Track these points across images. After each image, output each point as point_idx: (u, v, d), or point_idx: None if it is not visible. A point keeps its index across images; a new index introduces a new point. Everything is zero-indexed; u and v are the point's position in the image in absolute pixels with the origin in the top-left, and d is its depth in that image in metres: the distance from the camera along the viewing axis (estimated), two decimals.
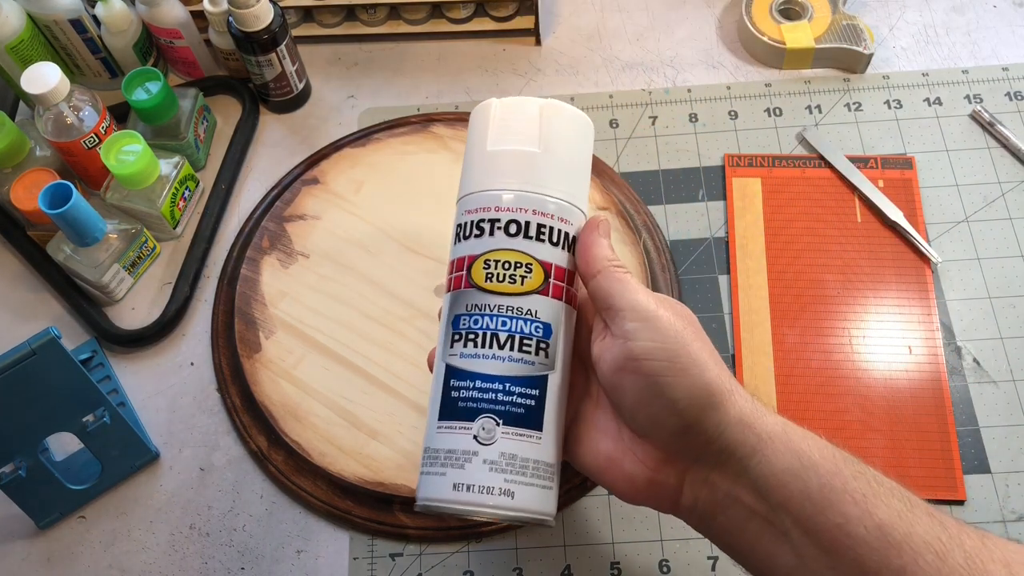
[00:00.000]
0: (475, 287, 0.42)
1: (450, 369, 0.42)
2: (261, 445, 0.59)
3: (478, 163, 0.44)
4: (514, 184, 0.43)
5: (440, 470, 0.41)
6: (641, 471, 0.42)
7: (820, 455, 0.39)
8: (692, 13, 0.77)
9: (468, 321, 0.42)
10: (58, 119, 0.63)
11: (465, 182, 0.45)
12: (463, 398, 0.41)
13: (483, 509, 0.40)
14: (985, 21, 0.75)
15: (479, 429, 0.41)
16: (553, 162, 0.43)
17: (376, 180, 0.68)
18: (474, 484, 0.40)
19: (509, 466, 0.40)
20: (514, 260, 0.42)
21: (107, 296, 0.65)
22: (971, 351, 0.60)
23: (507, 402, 0.41)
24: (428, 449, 0.42)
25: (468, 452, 0.41)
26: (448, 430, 0.41)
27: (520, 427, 0.41)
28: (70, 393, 0.52)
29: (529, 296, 0.42)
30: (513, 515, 0.41)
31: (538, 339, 0.42)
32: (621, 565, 0.55)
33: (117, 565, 0.57)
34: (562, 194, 0.43)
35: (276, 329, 0.62)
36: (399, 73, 0.76)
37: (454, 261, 0.44)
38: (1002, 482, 0.56)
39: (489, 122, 0.44)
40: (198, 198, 0.70)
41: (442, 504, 0.41)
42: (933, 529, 0.38)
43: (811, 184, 0.67)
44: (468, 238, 0.43)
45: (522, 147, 0.43)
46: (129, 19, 0.70)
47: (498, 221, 0.42)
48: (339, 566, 0.57)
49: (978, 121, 0.69)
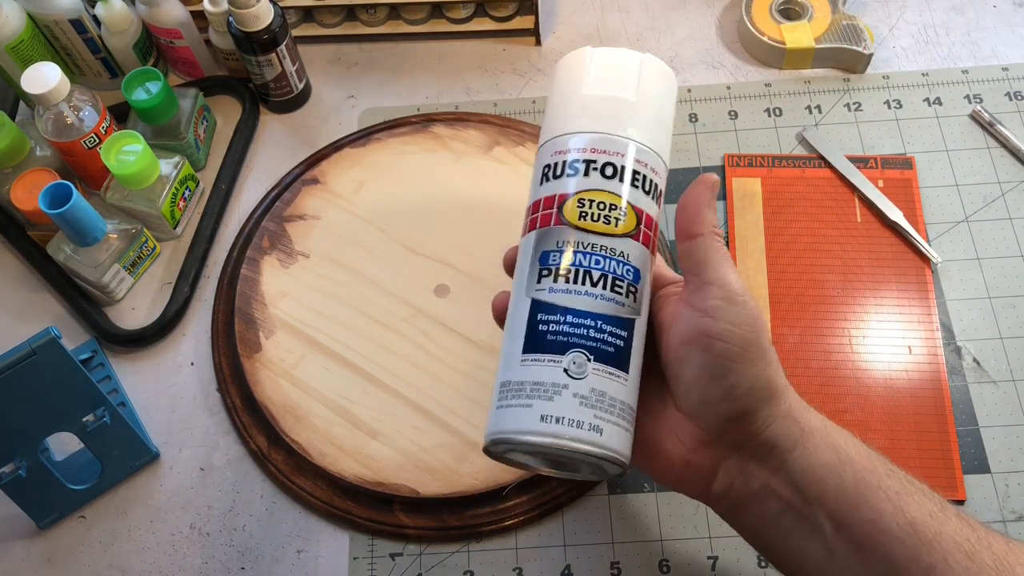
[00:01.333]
0: (567, 224, 0.41)
1: (537, 303, 0.41)
2: (261, 445, 0.60)
3: (572, 105, 0.44)
4: (610, 128, 0.42)
5: (525, 401, 0.39)
6: (679, 451, 0.42)
7: (856, 452, 0.40)
8: (692, 13, 0.77)
9: (559, 257, 0.41)
10: (58, 119, 0.63)
11: (555, 124, 0.44)
12: (553, 331, 0.40)
13: (571, 443, 0.38)
14: (985, 21, 0.75)
15: (570, 363, 0.39)
16: (648, 112, 0.43)
17: (376, 180, 0.68)
18: (564, 416, 0.38)
19: (599, 402, 0.39)
20: (609, 201, 0.41)
21: (107, 296, 0.65)
22: (971, 351, 0.60)
23: (599, 339, 0.40)
24: (508, 383, 0.40)
25: (558, 384, 0.39)
26: (536, 362, 0.40)
27: (610, 365, 0.40)
28: (70, 393, 0.52)
29: (622, 239, 0.41)
30: (600, 452, 0.39)
31: (629, 282, 0.41)
32: (621, 565, 0.56)
33: (117, 565, 0.57)
34: (654, 145, 0.43)
35: (276, 329, 0.62)
36: (399, 73, 0.76)
37: (540, 200, 0.43)
38: (1002, 482, 0.56)
39: (586, 67, 0.44)
40: (198, 198, 0.70)
41: (526, 436, 0.39)
42: (963, 530, 0.38)
43: (811, 184, 0.67)
44: (559, 177, 0.42)
45: (620, 94, 0.43)
46: (129, 19, 0.70)
47: (594, 162, 0.42)
48: (339, 566, 0.57)
49: (978, 121, 0.69)
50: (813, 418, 0.41)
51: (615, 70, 0.44)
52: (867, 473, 0.39)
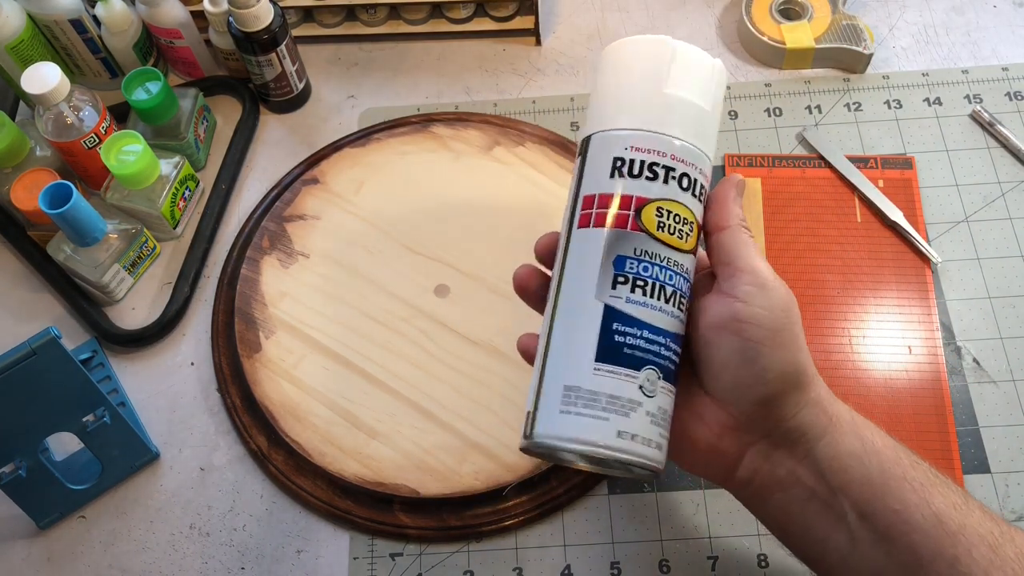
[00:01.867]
0: (645, 232, 0.41)
1: (613, 311, 0.40)
2: (261, 445, 0.60)
3: (652, 101, 0.42)
4: (690, 137, 0.42)
5: (601, 414, 0.39)
6: (705, 436, 0.42)
7: (882, 443, 0.40)
8: (692, 13, 0.77)
9: (637, 266, 0.40)
10: (58, 119, 0.63)
11: (629, 115, 0.42)
12: (630, 345, 0.40)
13: (642, 460, 0.39)
14: (985, 21, 0.75)
15: (645, 380, 0.40)
16: (714, 125, 0.43)
17: (376, 180, 0.68)
18: (639, 435, 0.39)
19: (663, 420, 0.40)
20: (683, 215, 0.41)
21: (107, 296, 0.65)
22: (971, 351, 0.60)
23: (667, 357, 0.40)
24: (578, 388, 0.40)
25: (634, 401, 0.39)
26: (612, 375, 0.40)
27: (671, 382, 0.41)
28: (70, 393, 0.52)
29: (688, 254, 0.42)
30: (659, 466, 0.40)
31: (688, 299, 0.42)
32: (621, 565, 0.56)
33: (117, 565, 0.57)
34: (714, 157, 0.43)
35: (276, 329, 0.62)
36: (399, 73, 0.76)
37: (613, 196, 0.41)
38: (1002, 482, 0.56)
39: (672, 62, 0.42)
40: (198, 198, 0.70)
41: (604, 450, 0.39)
42: (986, 523, 0.38)
43: (811, 184, 0.67)
44: (637, 177, 0.41)
45: (698, 101, 0.42)
46: (129, 19, 0.70)
47: (673, 170, 0.41)
48: (339, 566, 0.57)
49: (978, 121, 0.69)
50: (841, 408, 0.41)
51: (696, 73, 0.42)
52: (892, 464, 0.39)
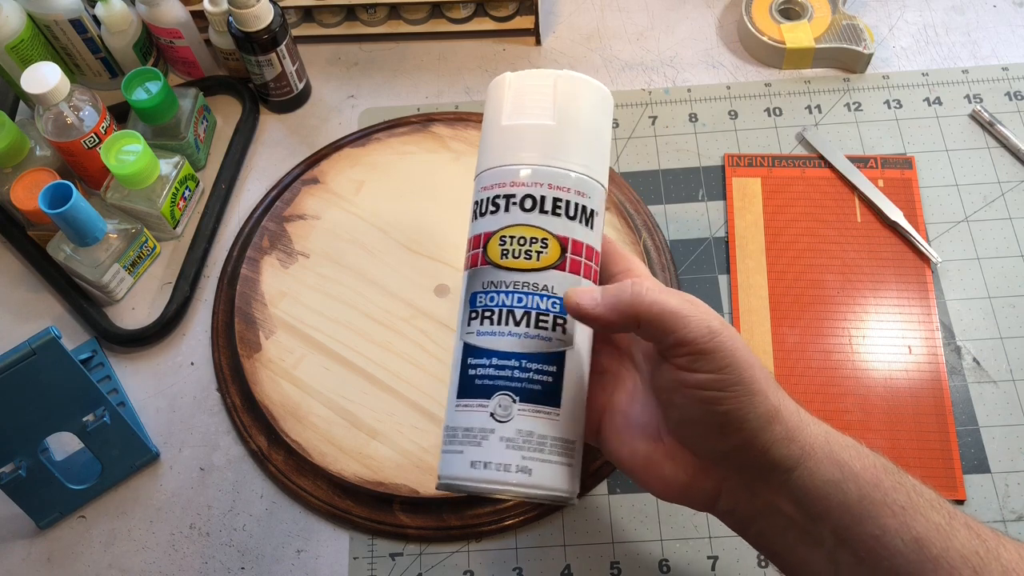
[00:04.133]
0: (491, 264, 0.42)
1: (467, 347, 0.42)
2: (261, 445, 0.60)
3: (494, 138, 0.44)
4: (528, 158, 0.42)
5: (458, 448, 0.41)
6: (679, 476, 0.42)
7: (861, 465, 0.39)
8: (692, 13, 0.77)
9: (484, 298, 0.42)
10: (58, 119, 0.63)
11: (481, 158, 0.44)
12: (480, 376, 0.41)
13: (500, 487, 0.40)
14: (985, 21, 0.75)
15: (495, 406, 0.40)
16: (569, 135, 0.43)
17: (376, 180, 0.68)
18: (491, 461, 0.40)
19: (526, 443, 0.40)
20: (529, 236, 0.42)
21: (107, 296, 0.65)
22: (971, 351, 0.60)
23: (524, 379, 0.41)
24: (447, 428, 0.42)
25: (485, 430, 0.40)
26: (466, 408, 0.41)
27: (537, 404, 0.41)
28: (70, 393, 0.52)
29: (545, 271, 0.41)
30: (531, 492, 0.40)
31: (555, 315, 0.41)
32: (621, 565, 0.56)
33: (117, 565, 0.57)
34: (579, 167, 0.42)
35: (276, 329, 0.62)
36: (399, 73, 0.76)
37: (471, 239, 0.44)
38: (1002, 482, 0.56)
39: (504, 96, 0.43)
40: (198, 198, 0.70)
41: (460, 482, 0.41)
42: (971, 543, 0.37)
43: (811, 184, 0.67)
44: (485, 215, 0.43)
45: (536, 120, 0.42)
46: (129, 19, 0.70)
47: (513, 196, 0.42)
48: (339, 566, 0.57)
49: (978, 121, 0.69)
50: (814, 433, 0.40)
51: (530, 95, 0.43)
52: (872, 488, 0.38)
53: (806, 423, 0.40)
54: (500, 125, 0.43)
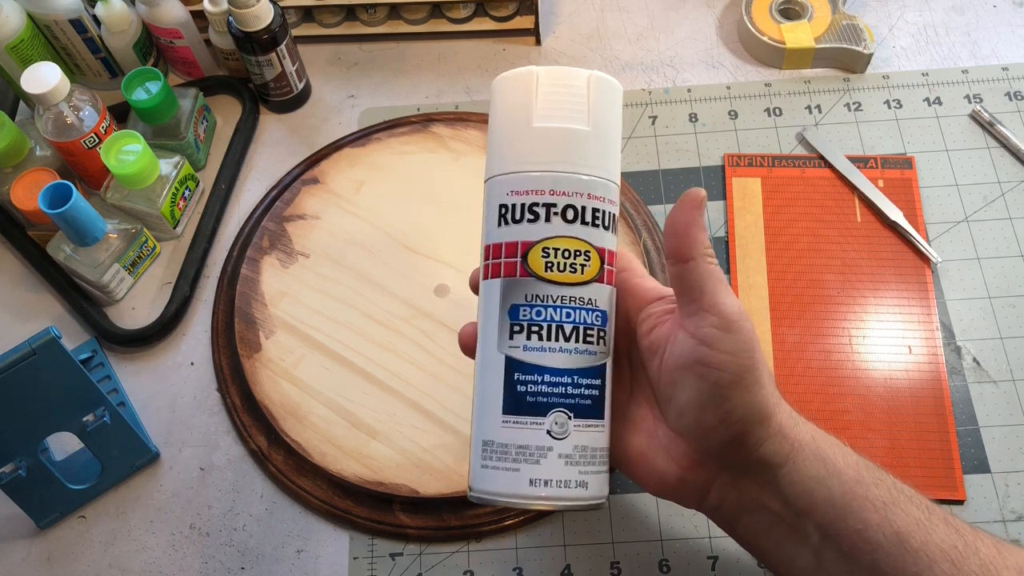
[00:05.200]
0: (534, 276, 0.40)
1: (514, 362, 0.40)
2: (261, 445, 0.60)
3: (522, 139, 0.41)
4: (567, 166, 0.40)
5: (512, 465, 0.40)
6: (672, 470, 0.42)
7: (844, 463, 0.40)
8: (692, 13, 0.77)
9: (530, 312, 0.40)
10: (58, 119, 0.63)
11: (505, 159, 0.42)
12: (532, 392, 0.40)
13: (561, 503, 0.40)
14: (985, 21, 0.75)
15: (552, 424, 0.40)
16: (601, 140, 0.41)
17: (376, 180, 0.68)
18: (552, 479, 0.40)
19: (582, 458, 0.40)
20: (574, 248, 0.40)
21: (107, 296, 0.65)
22: (971, 351, 0.60)
23: (576, 395, 0.40)
24: (491, 443, 0.41)
25: (543, 448, 0.40)
26: (518, 425, 0.40)
27: (589, 418, 0.41)
28: (70, 393, 0.52)
29: (589, 285, 0.41)
30: (586, 504, 0.40)
31: (598, 327, 0.41)
32: (621, 565, 0.56)
33: (117, 565, 0.57)
34: (609, 174, 0.41)
35: (276, 329, 0.62)
36: (399, 73, 0.76)
37: (503, 245, 0.41)
38: (1002, 482, 0.56)
39: (535, 94, 0.41)
40: (198, 198, 0.70)
41: (518, 500, 0.40)
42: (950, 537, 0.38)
43: (811, 184, 0.67)
44: (519, 222, 0.41)
45: (572, 124, 0.41)
46: (129, 19, 0.70)
47: (554, 206, 0.40)
48: (339, 566, 0.57)
49: (978, 121, 0.69)
50: (803, 431, 0.41)
51: (564, 95, 0.41)
52: (854, 484, 0.39)
53: (796, 422, 0.41)
54: (530, 126, 0.41)
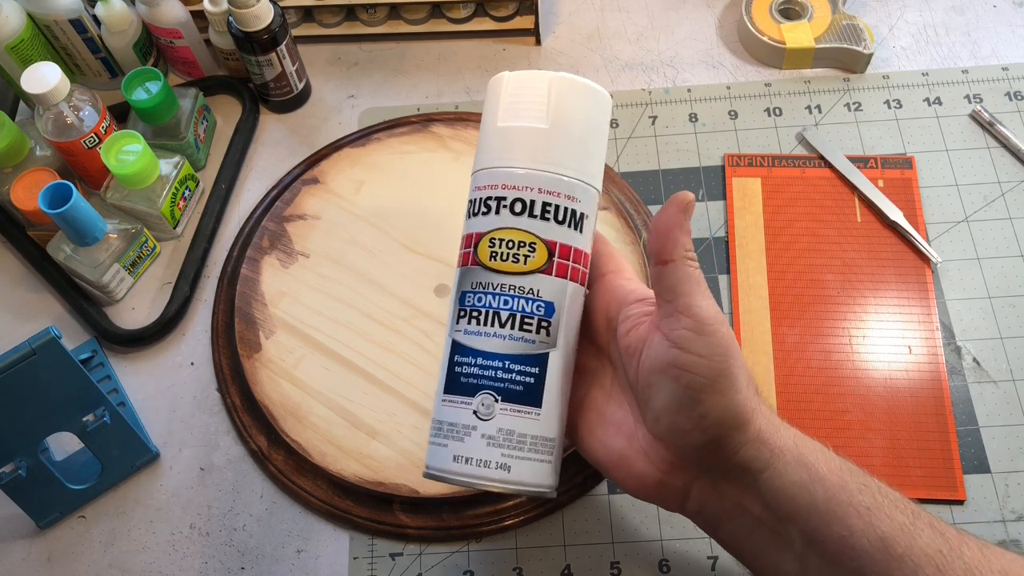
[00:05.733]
0: (480, 265, 0.43)
1: (455, 345, 0.43)
2: (261, 445, 0.60)
3: (489, 138, 0.44)
4: (520, 161, 0.43)
5: (443, 441, 0.43)
6: (651, 472, 0.42)
7: (827, 468, 0.40)
8: (692, 13, 0.77)
9: (472, 298, 0.43)
10: (58, 119, 0.63)
11: (477, 157, 0.45)
12: (465, 374, 0.43)
13: (479, 481, 0.42)
14: (985, 21, 0.75)
15: (479, 405, 0.42)
16: (562, 138, 0.43)
17: (376, 180, 0.68)
18: (472, 457, 0.42)
19: (507, 441, 0.42)
20: (518, 239, 0.42)
21: (107, 296, 0.65)
22: (971, 351, 0.60)
23: (506, 379, 0.42)
24: (435, 420, 0.44)
25: (468, 427, 0.42)
26: (451, 404, 0.43)
27: (519, 404, 0.42)
28: (70, 393, 0.52)
29: (532, 275, 0.42)
30: (506, 488, 0.42)
31: (539, 318, 0.42)
32: (621, 565, 0.56)
33: (117, 565, 0.57)
34: (571, 171, 0.43)
35: (276, 329, 0.62)
36: (399, 73, 0.76)
37: (464, 237, 0.45)
38: (1002, 482, 0.56)
39: (500, 96, 0.44)
40: (198, 198, 0.70)
41: (443, 474, 0.42)
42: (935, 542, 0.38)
43: (811, 184, 0.67)
44: (477, 215, 0.44)
45: (530, 123, 0.43)
46: (129, 19, 0.70)
47: (504, 199, 0.43)
48: (339, 566, 0.57)
49: (978, 121, 0.69)
50: (784, 436, 0.40)
51: (525, 96, 0.43)
52: (838, 490, 0.39)
53: (778, 427, 0.41)
54: (496, 126, 0.44)
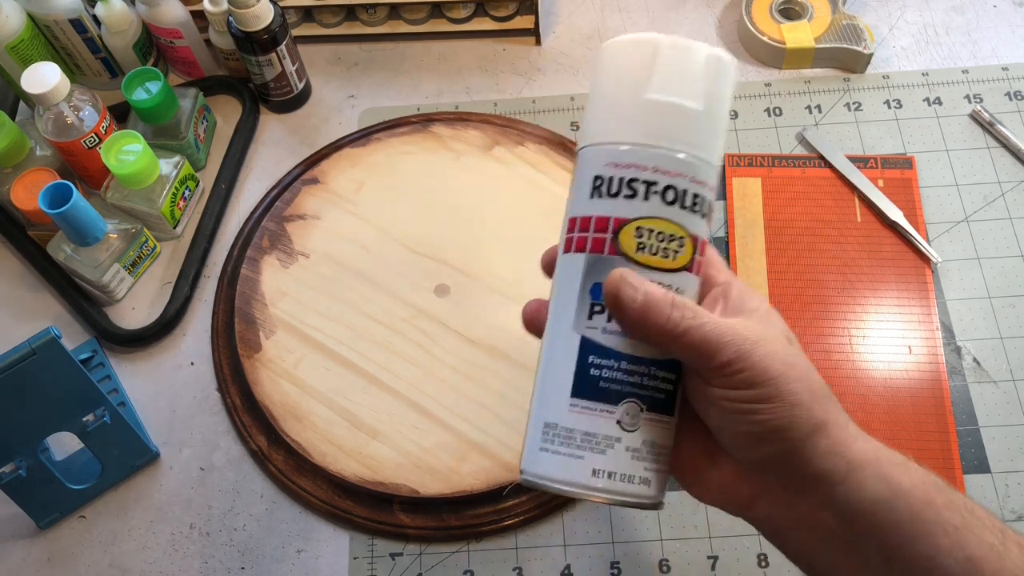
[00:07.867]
0: (623, 255, 0.38)
1: (589, 343, 0.38)
2: (261, 445, 0.60)
3: (631, 109, 0.38)
4: (676, 145, 0.38)
5: (576, 452, 0.38)
6: (719, 478, 0.40)
7: (911, 483, 0.38)
8: (692, 13, 0.77)
9: None
10: (58, 119, 0.63)
11: (609, 128, 0.39)
12: (606, 378, 0.38)
13: (621, 498, 0.38)
14: (985, 21, 0.75)
15: (623, 414, 0.38)
16: (713, 123, 0.38)
17: (376, 180, 0.68)
18: (616, 472, 0.37)
19: (649, 454, 0.38)
20: (669, 232, 0.38)
21: (107, 296, 0.65)
22: (971, 351, 0.60)
23: (652, 386, 0.38)
24: (555, 426, 0.38)
25: (611, 438, 0.37)
26: (587, 411, 0.38)
27: (660, 413, 0.38)
28: (70, 393, 0.52)
29: (679, 273, 0.38)
30: (646, 503, 0.38)
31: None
32: (621, 565, 0.55)
33: (117, 565, 0.57)
34: (714, 158, 0.38)
35: (276, 329, 0.62)
36: (399, 73, 0.76)
37: (592, 219, 0.38)
38: (1002, 482, 0.56)
39: (653, 64, 0.38)
40: (198, 198, 0.70)
41: (577, 489, 0.38)
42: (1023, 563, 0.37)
43: (811, 184, 0.67)
44: (615, 196, 0.38)
45: (687, 102, 0.38)
46: (129, 19, 0.70)
47: (655, 184, 0.37)
48: (339, 566, 0.57)
49: (978, 121, 0.69)
50: (863, 448, 0.38)
51: (685, 72, 0.38)
52: (924, 506, 0.37)
53: (854, 437, 0.39)
54: (643, 96, 0.38)
